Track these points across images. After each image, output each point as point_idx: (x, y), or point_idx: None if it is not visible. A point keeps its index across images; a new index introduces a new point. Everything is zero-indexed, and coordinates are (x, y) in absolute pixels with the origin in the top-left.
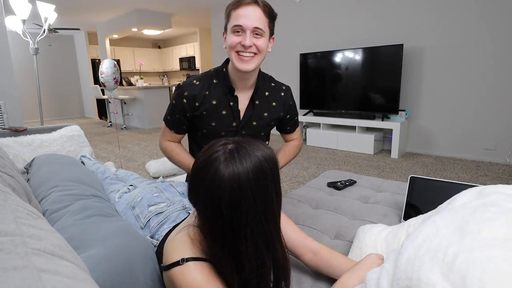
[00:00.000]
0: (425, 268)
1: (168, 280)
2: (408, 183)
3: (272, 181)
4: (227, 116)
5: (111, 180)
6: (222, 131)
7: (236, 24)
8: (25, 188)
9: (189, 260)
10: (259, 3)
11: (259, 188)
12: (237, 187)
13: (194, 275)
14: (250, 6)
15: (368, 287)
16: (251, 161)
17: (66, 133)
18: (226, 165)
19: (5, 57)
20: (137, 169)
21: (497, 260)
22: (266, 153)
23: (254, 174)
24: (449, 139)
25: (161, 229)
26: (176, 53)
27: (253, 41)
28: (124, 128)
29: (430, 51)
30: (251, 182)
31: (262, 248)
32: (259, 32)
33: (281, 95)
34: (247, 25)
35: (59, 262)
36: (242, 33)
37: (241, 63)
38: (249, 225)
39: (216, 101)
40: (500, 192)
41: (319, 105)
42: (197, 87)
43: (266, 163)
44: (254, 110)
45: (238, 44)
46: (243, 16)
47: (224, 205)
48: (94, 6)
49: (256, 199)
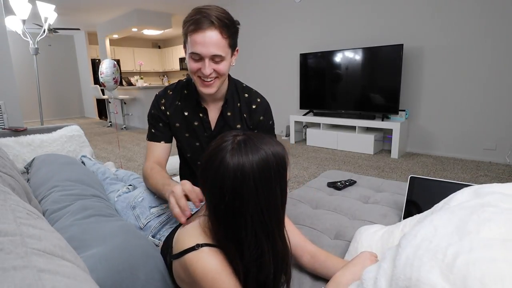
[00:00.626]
0: (424, 268)
1: (181, 267)
2: (408, 183)
3: (277, 176)
4: (199, 127)
5: (111, 181)
6: (196, 141)
7: (194, 51)
8: (25, 188)
9: (203, 246)
10: (216, 25)
11: (262, 181)
12: (240, 176)
13: (209, 259)
14: (207, 32)
15: (365, 286)
16: (258, 153)
17: (66, 133)
18: (232, 155)
19: (5, 57)
20: (137, 169)
21: (498, 261)
22: (274, 149)
23: (259, 167)
24: (449, 139)
25: (163, 229)
26: (176, 53)
27: (213, 67)
28: (124, 128)
29: (430, 51)
30: (254, 173)
31: (262, 238)
32: (219, 59)
33: (252, 107)
34: (205, 53)
35: (59, 262)
36: (201, 60)
37: (203, 88)
38: (249, 213)
39: (188, 112)
40: (496, 191)
41: (319, 105)
42: (170, 97)
43: (273, 158)
44: (225, 122)
45: (198, 70)
46: (200, 43)
47: (227, 191)
48: (94, 6)
49: (258, 190)
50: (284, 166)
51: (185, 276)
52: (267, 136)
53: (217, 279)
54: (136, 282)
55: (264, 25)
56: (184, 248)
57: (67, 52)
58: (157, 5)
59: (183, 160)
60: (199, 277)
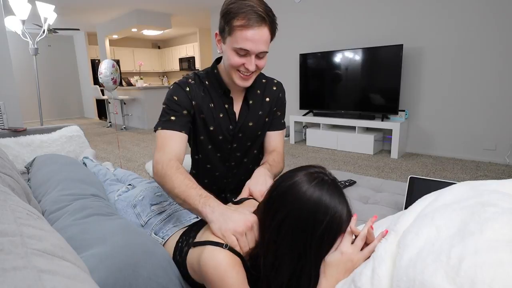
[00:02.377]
0: (428, 271)
1: (197, 256)
2: (407, 183)
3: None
4: (224, 119)
5: (111, 181)
6: (220, 135)
7: (242, 47)
8: (25, 189)
9: (230, 249)
10: (267, 21)
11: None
12: (322, 211)
13: (225, 259)
14: (259, 29)
15: (360, 285)
16: (341, 200)
17: (66, 133)
18: (328, 192)
19: (4, 58)
20: (136, 169)
21: (506, 265)
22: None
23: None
24: (449, 139)
25: (166, 228)
26: (176, 54)
27: (256, 62)
28: (124, 128)
29: (430, 51)
30: (331, 213)
31: (293, 260)
32: (263, 55)
33: (273, 89)
34: (254, 50)
35: (59, 262)
36: (247, 56)
37: (242, 81)
38: (307, 248)
39: (213, 104)
40: (493, 190)
41: (319, 105)
42: (193, 86)
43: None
44: (249, 111)
45: (242, 65)
46: (251, 40)
47: (305, 220)
48: (94, 6)
49: (325, 234)
50: (336, 227)
51: (197, 266)
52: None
53: (227, 277)
54: (139, 279)
55: None
56: (210, 240)
57: (67, 52)
58: (157, 5)
59: (194, 160)
60: (208, 272)
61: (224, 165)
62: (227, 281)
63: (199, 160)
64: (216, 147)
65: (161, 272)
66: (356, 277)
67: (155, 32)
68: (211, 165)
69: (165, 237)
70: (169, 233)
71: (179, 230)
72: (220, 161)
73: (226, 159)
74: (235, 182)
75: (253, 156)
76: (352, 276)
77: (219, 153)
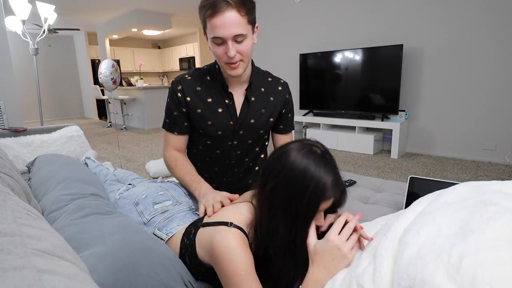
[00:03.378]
0: (429, 269)
1: (208, 235)
2: (408, 183)
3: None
4: (223, 114)
5: (111, 181)
6: (219, 130)
7: (215, 35)
8: (25, 189)
9: (235, 227)
10: (232, 4)
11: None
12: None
13: (233, 239)
14: (226, 13)
15: (362, 282)
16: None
17: (66, 133)
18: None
19: (5, 58)
20: (136, 169)
21: (506, 264)
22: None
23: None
24: (449, 140)
25: (170, 226)
26: (176, 54)
27: (237, 48)
28: (124, 128)
29: (430, 51)
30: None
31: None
32: (241, 38)
33: (278, 89)
34: (226, 35)
35: (59, 262)
36: (224, 43)
37: (231, 70)
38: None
39: (211, 99)
40: (496, 190)
41: (319, 105)
42: (188, 82)
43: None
44: (249, 107)
45: (224, 55)
46: (220, 26)
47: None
48: (94, 6)
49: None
50: (319, 194)
51: (207, 243)
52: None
53: (235, 256)
54: (139, 277)
55: (264, 25)
56: (218, 220)
57: (67, 52)
58: (157, 6)
59: (193, 153)
60: (219, 250)
61: (224, 162)
62: (235, 260)
63: (197, 154)
64: (215, 143)
65: (161, 269)
66: (358, 274)
67: (155, 32)
68: (210, 159)
69: (169, 234)
70: (173, 231)
71: (183, 227)
72: (220, 158)
73: (227, 156)
74: (235, 181)
75: (254, 155)
76: (353, 275)
77: (219, 150)
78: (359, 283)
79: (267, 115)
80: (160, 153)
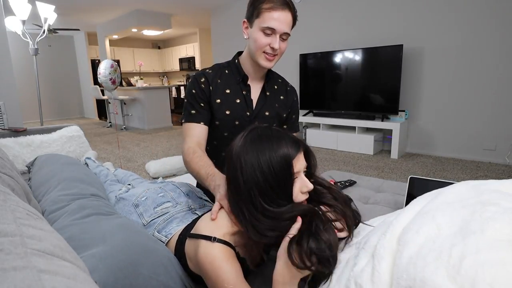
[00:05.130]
0: (429, 269)
1: (193, 247)
2: (408, 183)
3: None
4: (241, 104)
5: (111, 182)
6: (236, 120)
7: (269, 26)
8: (25, 189)
9: (218, 241)
10: (291, 7)
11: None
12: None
13: (217, 253)
14: (284, 11)
15: (360, 281)
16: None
17: (66, 133)
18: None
19: (5, 58)
20: (137, 169)
21: (507, 264)
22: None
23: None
24: (448, 140)
25: (169, 227)
26: (176, 54)
27: (280, 44)
28: (124, 128)
29: (430, 51)
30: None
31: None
32: (286, 37)
33: (287, 90)
34: (279, 29)
35: (59, 262)
36: (272, 35)
37: (266, 62)
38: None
39: (229, 90)
40: (495, 189)
41: (319, 105)
42: (210, 74)
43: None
44: (266, 100)
45: (267, 46)
46: (277, 19)
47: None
48: (94, 6)
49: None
50: (283, 167)
51: (194, 257)
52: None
53: (221, 272)
54: (139, 277)
55: None
56: (201, 233)
57: (67, 52)
58: (157, 6)
59: (207, 151)
60: (205, 266)
61: None
62: (222, 276)
63: (212, 150)
64: (232, 135)
65: (161, 270)
66: (356, 273)
67: (155, 32)
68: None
69: (168, 236)
70: (172, 232)
71: (182, 227)
72: None
73: None
74: None
75: None
76: (352, 274)
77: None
78: (358, 282)
79: (280, 110)
80: (160, 153)
